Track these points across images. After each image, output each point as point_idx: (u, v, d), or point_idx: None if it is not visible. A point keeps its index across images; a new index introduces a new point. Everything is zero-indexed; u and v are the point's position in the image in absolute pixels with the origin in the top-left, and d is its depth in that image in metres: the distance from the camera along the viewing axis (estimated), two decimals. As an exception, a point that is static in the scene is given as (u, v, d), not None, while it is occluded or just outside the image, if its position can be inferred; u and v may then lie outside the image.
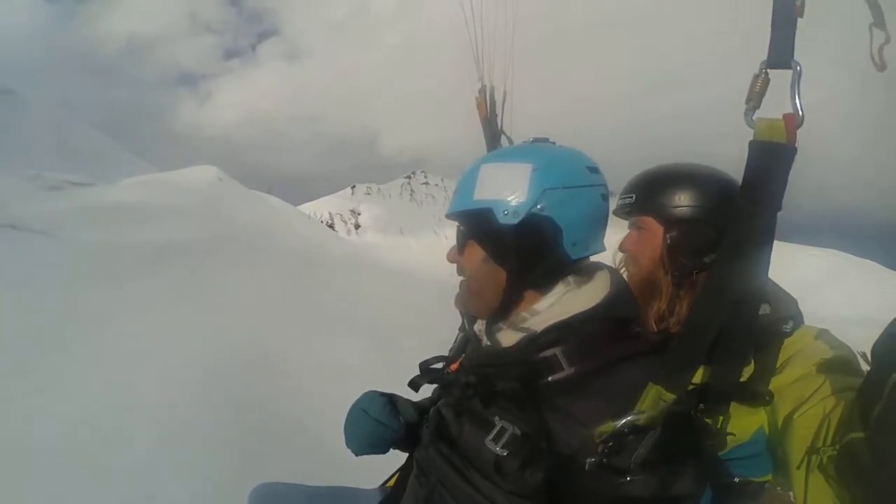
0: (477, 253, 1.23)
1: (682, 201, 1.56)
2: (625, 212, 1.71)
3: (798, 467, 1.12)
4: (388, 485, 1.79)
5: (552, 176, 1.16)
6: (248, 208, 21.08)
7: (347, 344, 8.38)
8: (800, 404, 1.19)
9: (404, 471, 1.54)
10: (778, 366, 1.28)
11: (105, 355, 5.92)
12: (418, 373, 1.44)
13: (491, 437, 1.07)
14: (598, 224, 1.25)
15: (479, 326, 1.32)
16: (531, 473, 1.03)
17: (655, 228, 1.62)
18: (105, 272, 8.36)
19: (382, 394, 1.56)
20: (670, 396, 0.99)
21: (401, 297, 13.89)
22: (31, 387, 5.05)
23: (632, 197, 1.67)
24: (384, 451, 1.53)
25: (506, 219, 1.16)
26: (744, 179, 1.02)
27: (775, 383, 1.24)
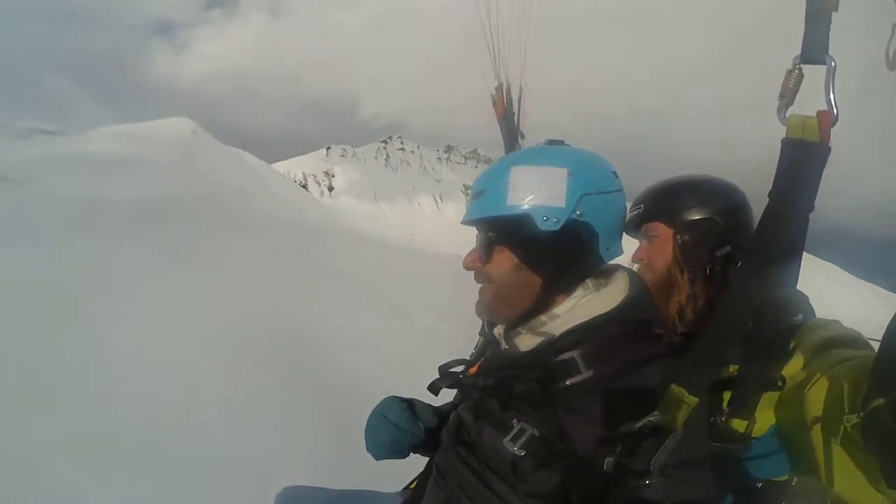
0: (508, 260, 1.21)
1: (690, 204, 1.64)
2: (633, 224, 1.77)
3: (816, 441, 1.11)
4: (410, 488, 1.80)
5: (588, 181, 1.17)
6: (224, 165, 20.79)
7: (359, 315, 8.43)
8: (805, 383, 1.18)
9: (424, 475, 1.57)
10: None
11: (104, 313, 5.95)
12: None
13: (509, 437, 1.08)
14: (622, 228, 1.28)
15: (499, 331, 1.31)
16: (548, 475, 1.04)
17: (665, 233, 1.68)
18: (88, 227, 8.29)
19: (402, 399, 1.57)
20: (692, 399, 0.97)
21: (402, 270, 13.77)
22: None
23: (640, 207, 1.74)
24: (403, 455, 1.55)
25: (546, 225, 1.14)
26: (775, 179, 0.99)
27: (786, 371, 1.26)
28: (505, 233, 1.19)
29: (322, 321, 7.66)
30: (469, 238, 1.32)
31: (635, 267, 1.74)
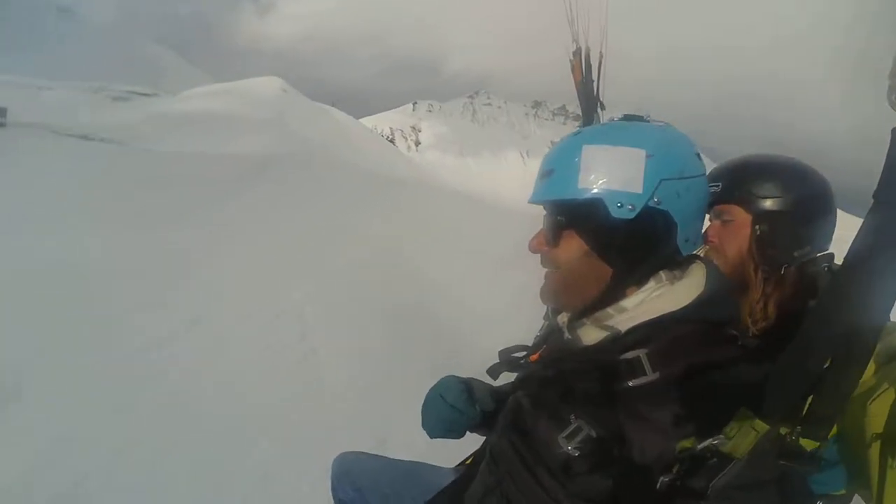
0: (577, 245, 1.15)
1: (773, 192, 1.55)
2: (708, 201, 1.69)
3: (873, 459, 1.08)
4: (465, 464, 1.75)
5: (669, 165, 1.10)
6: (314, 121, 21.22)
7: (457, 270, 8.38)
8: (870, 393, 1.15)
9: (479, 454, 1.57)
10: None
11: (216, 265, 6.25)
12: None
13: (564, 434, 1.05)
14: (704, 216, 1.22)
15: (563, 318, 1.26)
16: (600, 479, 1.02)
17: (742, 219, 1.58)
18: (192, 183, 8.69)
19: (461, 380, 1.56)
20: (762, 426, 0.92)
21: (491, 225, 13.79)
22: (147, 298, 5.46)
23: (718, 185, 1.62)
24: (459, 436, 1.55)
25: (620, 212, 1.08)
26: (882, 176, 0.88)
27: None
28: (574, 218, 1.14)
29: (422, 274, 7.66)
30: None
31: (703, 251, 1.64)
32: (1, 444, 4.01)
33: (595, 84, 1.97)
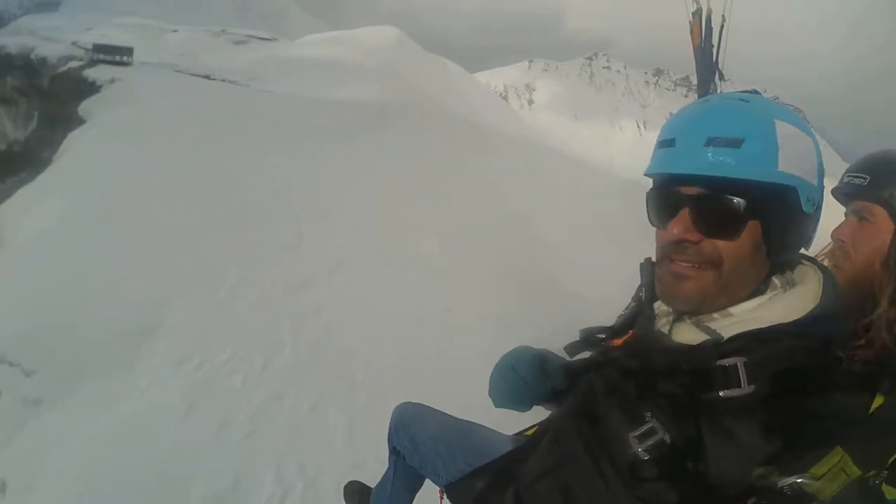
0: (752, 239, 1.04)
1: None
2: (846, 192, 1.52)
3: None
4: (525, 433, 1.72)
5: (821, 162, 1.07)
6: (428, 72, 21.24)
7: (579, 237, 8.26)
8: None
9: (542, 429, 1.48)
10: None
11: (352, 211, 6.57)
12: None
13: (637, 433, 0.99)
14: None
15: (661, 307, 1.18)
16: (666, 489, 0.96)
17: (884, 223, 1.43)
18: (314, 125, 9.01)
19: (535, 352, 1.48)
20: (855, 471, 0.89)
21: (605, 192, 13.42)
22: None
23: (865, 179, 1.47)
24: (525, 409, 1.49)
25: (808, 206, 1.02)
26: None
27: None
28: (764, 205, 1.01)
29: (541, 237, 7.56)
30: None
31: (827, 248, 1.54)
32: (152, 373, 4.55)
33: (715, 50, 1.97)
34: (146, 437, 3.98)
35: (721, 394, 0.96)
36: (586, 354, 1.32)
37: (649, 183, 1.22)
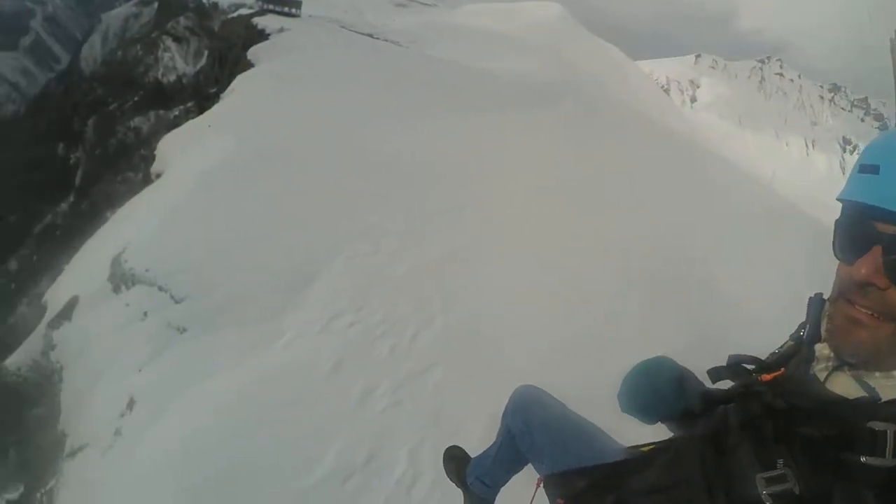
0: None
1: None
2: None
3: None
4: (639, 449, 1.52)
5: None
6: (589, 54, 20.63)
7: (735, 251, 7.74)
8: None
9: (662, 448, 1.39)
10: None
11: (518, 185, 6.56)
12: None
13: (766, 475, 0.92)
14: None
15: (823, 350, 1.07)
16: None
17: None
18: (467, 92, 9.00)
19: (675, 367, 1.37)
20: None
21: (766, 211, 12.50)
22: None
23: None
24: (651, 422, 1.38)
25: None
26: None
27: None
28: None
29: (700, 247, 7.06)
30: (834, 210, 0.98)
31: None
32: (302, 325, 4.59)
33: None
34: (285, 388, 3.99)
35: (863, 459, 0.90)
36: (728, 383, 1.24)
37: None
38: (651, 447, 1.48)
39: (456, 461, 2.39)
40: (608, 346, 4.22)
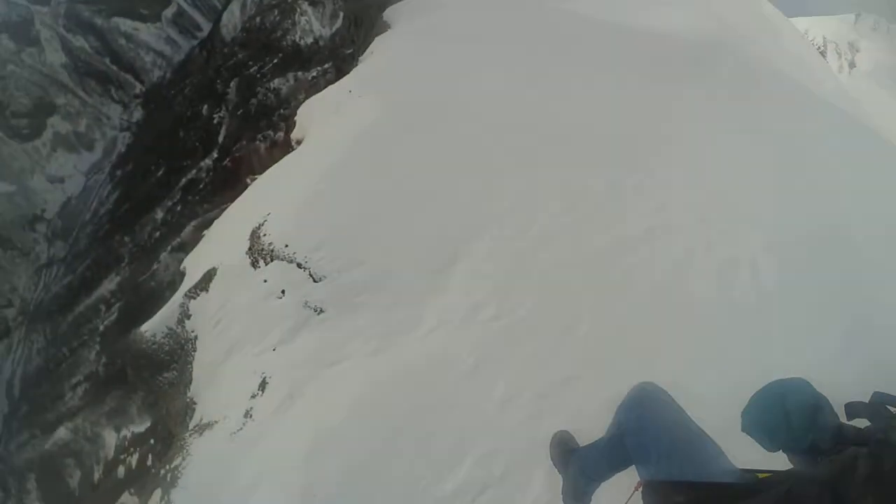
0: None
1: None
2: None
3: None
4: (756, 474, 1.55)
5: None
6: (739, 7, 19.06)
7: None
8: None
9: (780, 478, 1.40)
10: None
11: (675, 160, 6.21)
12: None
13: None
14: None
15: None
16: None
17: None
18: (605, 53, 8.62)
19: (812, 395, 1.40)
20: None
21: None
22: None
23: None
24: (772, 449, 1.43)
25: None
26: None
27: None
28: None
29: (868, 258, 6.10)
30: None
31: None
32: (444, 312, 4.48)
33: None
34: (423, 385, 3.85)
35: None
36: (866, 422, 1.27)
37: None
38: (766, 476, 1.50)
39: (562, 446, 2.40)
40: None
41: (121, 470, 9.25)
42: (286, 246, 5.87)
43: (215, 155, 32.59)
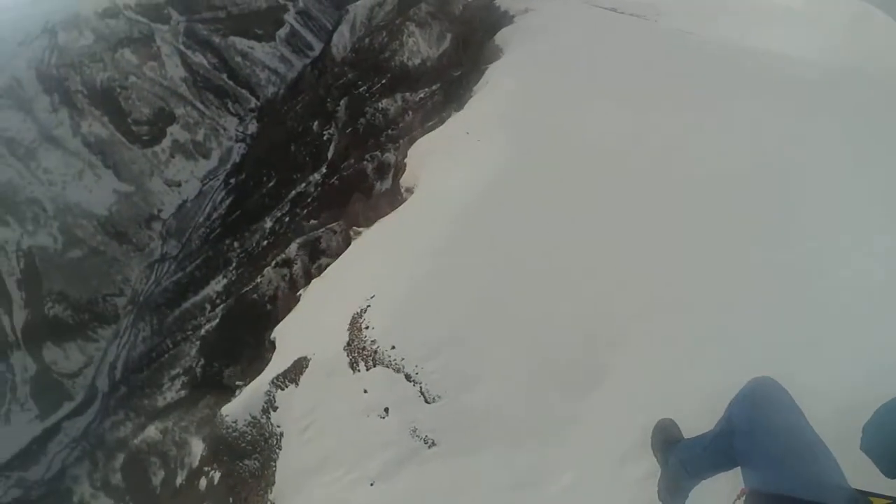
0: None
1: None
2: None
3: None
4: (870, 497, 1.45)
5: None
6: (854, 26, 17.67)
7: None
8: None
9: None
10: None
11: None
12: None
13: None
14: None
15: None
16: None
17: None
18: (727, 78, 8.30)
19: None
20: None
21: None
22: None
23: None
24: (889, 475, 1.39)
25: None
26: None
27: None
28: None
29: None
30: None
31: None
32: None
33: None
34: None
35: None
36: None
37: None
38: (886, 501, 1.42)
39: (663, 434, 2.23)
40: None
41: (202, 482, 9.24)
42: (392, 348, 4.90)
43: (324, 170, 34.09)
